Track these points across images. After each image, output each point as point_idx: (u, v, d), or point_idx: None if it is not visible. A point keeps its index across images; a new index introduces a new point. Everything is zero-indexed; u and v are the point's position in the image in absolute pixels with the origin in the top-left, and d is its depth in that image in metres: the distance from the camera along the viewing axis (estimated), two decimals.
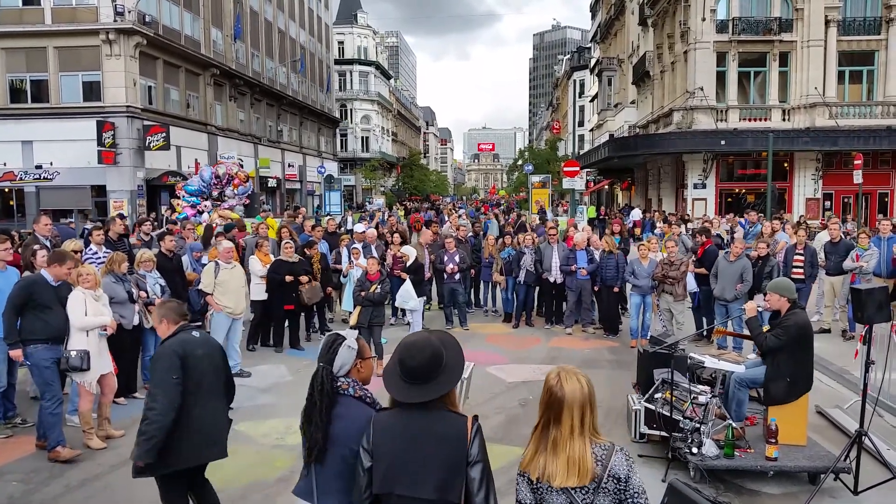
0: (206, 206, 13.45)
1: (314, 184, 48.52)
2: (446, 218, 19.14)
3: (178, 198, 15.29)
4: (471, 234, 14.46)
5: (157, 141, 26.82)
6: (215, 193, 13.76)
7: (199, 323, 10.08)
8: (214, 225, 13.44)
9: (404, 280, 10.66)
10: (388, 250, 12.17)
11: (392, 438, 2.69)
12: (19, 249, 8.97)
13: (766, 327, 6.29)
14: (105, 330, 6.70)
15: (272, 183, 41.53)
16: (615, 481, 2.52)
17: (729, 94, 30.48)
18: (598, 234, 15.02)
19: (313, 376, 2.97)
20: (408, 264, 11.47)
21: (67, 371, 6.29)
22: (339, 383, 2.97)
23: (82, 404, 6.46)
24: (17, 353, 6.23)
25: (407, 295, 10.31)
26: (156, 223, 16.44)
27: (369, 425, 2.77)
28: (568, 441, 2.55)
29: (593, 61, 62.41)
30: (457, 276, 12.11)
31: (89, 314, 6.43)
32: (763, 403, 6.02)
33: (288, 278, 10.17)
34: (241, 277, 9.27)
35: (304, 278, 10.32)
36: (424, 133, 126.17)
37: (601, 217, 31.42)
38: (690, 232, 16.19)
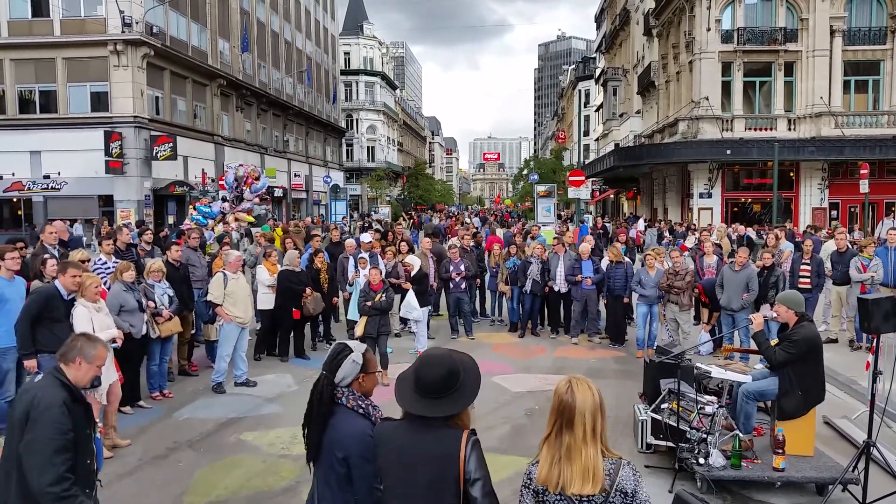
0: (225, 207, 13.56)
1: (320, 193, 48.65)
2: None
3: (195, 210, 15.39)
4: (473, 243, 14.45)
5: (165, 151, 26.98)
6: (232, 197, 13.92)
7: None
8: (230, 229, 13.51)
9: (407, 290, 10.67)
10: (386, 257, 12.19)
11: (389, 450, 2.70)
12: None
13: (774, 340, 6.27)
14: (115, 342, 6.72)
15: (278, 193, 41.67)
16: (622, 495, 2.52)
17: (734, 103, 30.49)
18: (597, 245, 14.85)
19: (314, 384, 3.00)
20: (412, 273, 11.49)
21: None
22: (335, 392, 2.98)
23: None
24: (31, 363, 6.24)
25: (409, 306, 10.32)
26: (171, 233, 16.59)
27: (370, 443, 2.80)
28: (582, 448, 2.54)
29: (598, 71, 62.62)
30: (462, 286, 12.12)
31: (97, 329, 6.43)
32: (778, 419, 5.97)
33: (308, 292, 10.27)
34: (247, 287, 9.33)
35: (307, 290, 10.38)
36: (430, 143, 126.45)
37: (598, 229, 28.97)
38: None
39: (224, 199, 13.77)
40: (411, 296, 10.41)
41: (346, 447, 2.85)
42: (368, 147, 70.55)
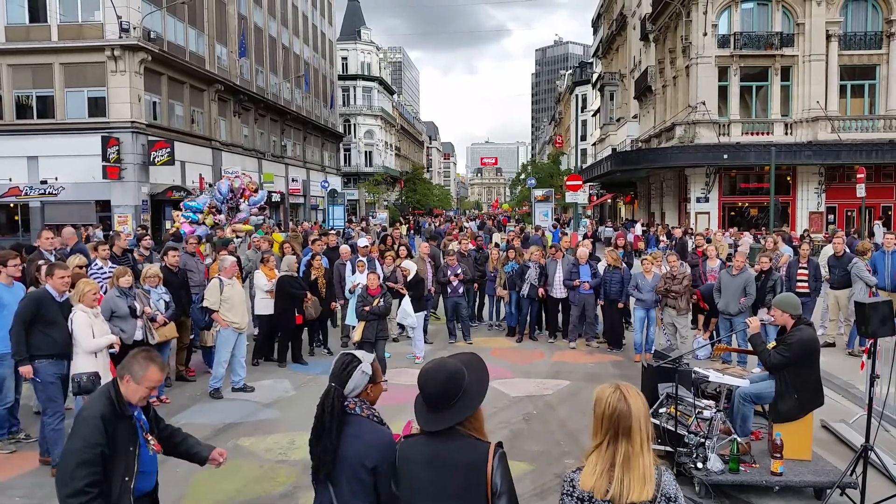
0: (220, 219, 13.56)
1: (318, 198, 48.65)
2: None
3: (180, 210, 15.40)
4: (472, 247, 14.43)
5: (162, 156, 26.93)
6: (226, 208, 13.89)
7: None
8: (232, 242, 13.56)
9: (404, 296, 10.66)
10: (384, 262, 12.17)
11: (413, 466, 2.69)
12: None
13: (772, 343, 6.28)
14: (113, 347, 6.69)
15: (276, 198, 41.67)
16: (666, 500, 2.52)
17: (731, 108, 30.58)
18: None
19: (323, 396, 2.95)
20: (408, 279, 11.47)
21: (79, 394, 6.25)
22: (346, 402, 2.94)
23: None
24: (27, 370, 6.21)
25: (404, 313, 10.31)
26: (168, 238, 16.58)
27: (396, 451, 2.80)
28: (640, 456, 2.52)
29: (595, 76, 62.74)
30: (460, 290, 12.11)
31: (96, 334, 6.42)
32: (773, 421, 5.98)
33: (309, 297, 10.29)
34: (242, 292, 9.34)
35: (308, 294, 10.42)
36: (427, 147, 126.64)
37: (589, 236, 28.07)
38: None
39: (218, 211, 13.75)
40: (406, 302, 10.41)
41: (376, 457, 2.82)
42: (366, 152, 70.65)
